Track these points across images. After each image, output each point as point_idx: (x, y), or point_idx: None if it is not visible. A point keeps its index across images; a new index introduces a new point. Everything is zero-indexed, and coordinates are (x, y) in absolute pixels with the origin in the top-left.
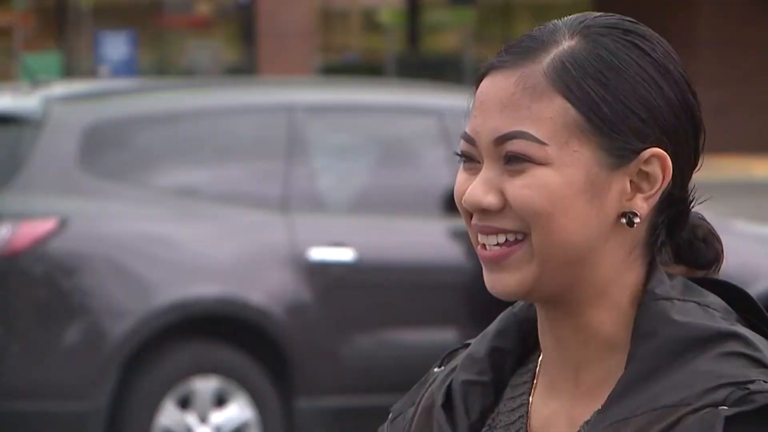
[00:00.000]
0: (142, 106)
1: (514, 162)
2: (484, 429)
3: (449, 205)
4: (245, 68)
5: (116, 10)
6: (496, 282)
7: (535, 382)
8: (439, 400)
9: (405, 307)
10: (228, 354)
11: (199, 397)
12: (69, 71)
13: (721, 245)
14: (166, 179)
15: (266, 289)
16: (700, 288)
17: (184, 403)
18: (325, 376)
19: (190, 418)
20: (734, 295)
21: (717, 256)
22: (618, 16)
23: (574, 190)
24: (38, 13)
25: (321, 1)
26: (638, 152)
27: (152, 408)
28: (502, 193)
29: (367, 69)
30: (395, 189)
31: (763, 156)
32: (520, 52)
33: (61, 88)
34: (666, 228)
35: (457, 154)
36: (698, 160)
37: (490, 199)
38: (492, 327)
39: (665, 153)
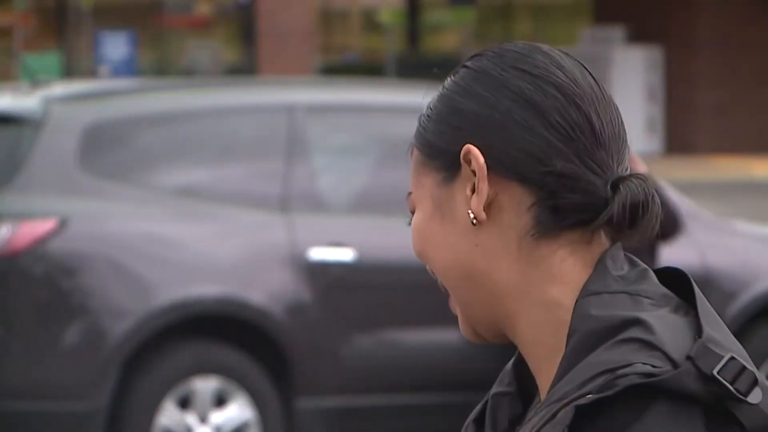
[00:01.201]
0: (142, 106)
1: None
2: None
3: None
4: (245, 68)
5: (116, 10)
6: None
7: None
8: (473, 415)
9: (405, 307)
10: (228, 354)
11: (199, 397)
12: (69, 71)
13: (657, 205)
14: (166, 179)
15: (266, 289)
16: (649, 277)
17: (184, 403)
18: (325, 376)
19: (190, 418)
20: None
21: (650, 218)
22: (496, 48)
23: (427, 220)
24: (38, 13)
25: (321, 1)
26: (457, 155)
27: (152, 408)
28: None
29: (367, 69)
30: (395, 189)
31: (763, 156)
32: None
33: (61, 88)
34: (550, 205)
35: None
36: (564, 131)
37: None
38: None
39: (471, 146)
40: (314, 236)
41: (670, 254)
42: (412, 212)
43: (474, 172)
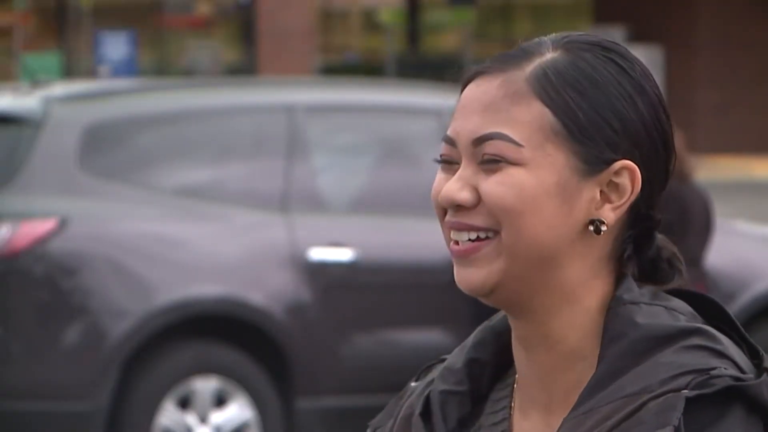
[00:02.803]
0: (142, 106)
1: (491, 162)
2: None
3: None
4: (245, 68)
5: (116, 10)
6: (463, 277)
7: (513, 396)
8: (418, 409)
9: (405, 307)
10: (228, 354)
11: (199, 397)
12: (69, 71)
13: (684, 268)
14: (166, 179)
15: (266, 289)
16: (667, 295)
17: (184, 403)
18: (325, 376)
19: (190, 418)
20: (703, 304)
21: (680, 277)
22: (600, 36)
23: (545, 192)
24: (38, 13)
25: (321, 1)
26: (609, 163)
27: (152, 408)
28: (476, 190)
29: (367, 69)
30: (395, 189)
31: (763, 156)
32: (506, 60)
33: (61, 88)
34: (632, 244)
35: (437, 160)
36: (667, 181)
37: (464, 195)
38: (470, 339)
39: (635, 166)
40: (314, 236)
41: None
42: (497, 159)
43: (616, 185)
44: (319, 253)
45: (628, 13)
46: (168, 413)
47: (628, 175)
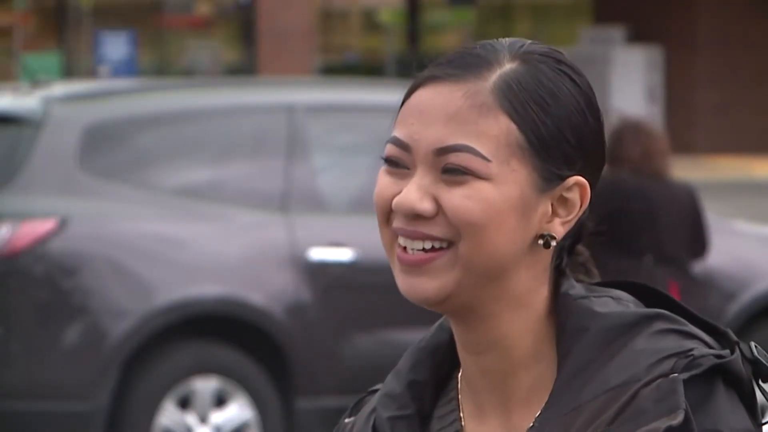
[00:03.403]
0: (142, 106)
1: (454, 173)
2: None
3: None
4: (245, 68)
5: (116, 10)
6: (413, 286)
7: (461, 407)
8: None
9: (405, 307)
10: (228, 354)
11: (199, 397)
12: (69, 71)
13: (596, 276)
14: (166, 179)
15: (266, 289)
16: (603, 287)
17: (184, 403)
18: (325, 376)
19: (190, 418)
20: (633, 291)
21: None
22: (548, 46)
23: (509, 207)
24: (38, 13)
25: (321, 1)
26: (564, 178)
27: (152, 408)
28: (436, 201)
29: (367, 69)
30: None
31: (763, 156)
32: (464, 66)
33: (61, 88)
34: (567, 253)
35: (384, 159)
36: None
37: (426, 206)
38: (404, 364)
39: (586, 181)
40: (314, 236)
41: None
42: (463, 171)
43: (566, 200)
44: (319, 253)
45: (628, 13)
46: (168, 413)
47: (579, 191)
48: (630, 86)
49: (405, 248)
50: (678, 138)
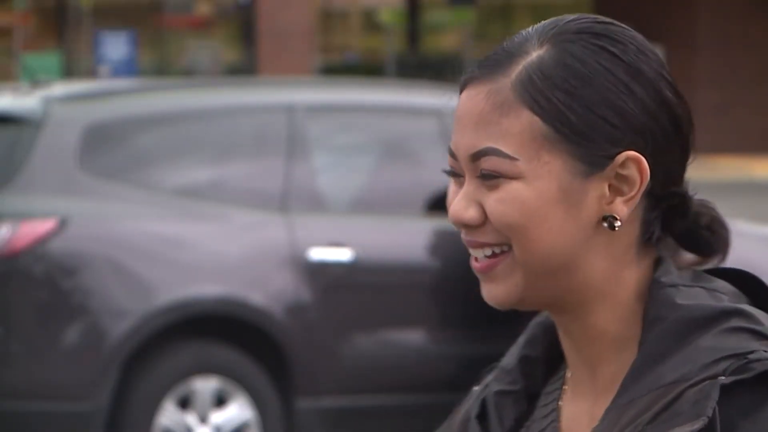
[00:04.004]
0: (142, 106)
1: (489, 178)
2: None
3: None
4: (245, 68)
5: (116, 10)
6: (488, 293)
7: (564, 386)
8: (474, 412)
9: (405, 307)
10: (228, 354)
11: (199, 397)
12: (69, 71)
13: (727, 230)
14: (166, 179)
15: (266, 289)
16: (709, 276)
17: (184, 403)
18: (325, 376)
19: (190, 418)
20: (747, 282)
21: (723, 242)
22: (592, 17)
23: (547, 201)
24: (38, 13)
25: (321, 1)
26: (612, 157)
27: (152, 408)
28: (482, 207)
29: (367, 69)
30: (395, 189)
31: (763, 156)
32: (492, 65)
33: (61, 88)
34: (662, 222)
35: (446, 171)
36: (688, 152)
37: (471, 214)
38: (521, 337)
39: (640, 155)
40: (314, 236)
41: None
42: (495, 174)
43: (624, 177)
44: (319, 253)
45: (628, 13)
46: (168, 413)
47: (635, 166)
48: None
49: (476, 258)
50: None
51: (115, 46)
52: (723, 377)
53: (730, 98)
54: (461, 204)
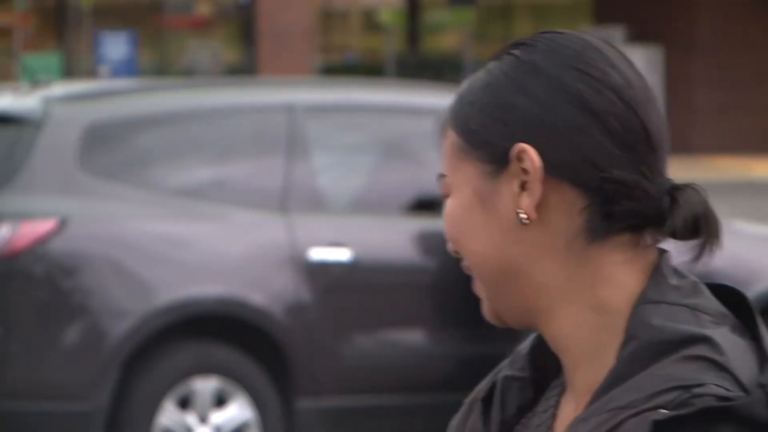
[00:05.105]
0: (142, 106)
1: (445, 199)
2: (517, 426)
3: None
4: (245, 68)
5: (116, 10)
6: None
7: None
8: (481, 393)
9: (405, 307)
10: (228, 354)
11: (199, 397)
12: (69, 71)
13: (701, 207)
14: (166, 179)
15: (266, 289)
16: (703, 291)
17: (184, 403)
18: (325, 376)
19: (190, 418)
20: (741, 304)
21: (693, 219)
22: (536, 34)
23: (467, 209)
24: (38, 13)
25: (321, 1)
26: (508, 152)
27: (152, 408)
28: None
29: (367, 69)
30: (395, 189)
31: (763, 156)
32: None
33: (61, 88)
34: (603, 210)
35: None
36: (622, 137)
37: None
38: None
39: (527, 145)
40: (314, 236)
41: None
42: (446, 196)
43: (524, 170)
44: (319, 253)
45: (628, 13)
46: (168, 413)
47: (526, 157)
48: None
49: None
50: (678, 138)
51: (115, 46)
52: (664, 410)
53: (730, 98)
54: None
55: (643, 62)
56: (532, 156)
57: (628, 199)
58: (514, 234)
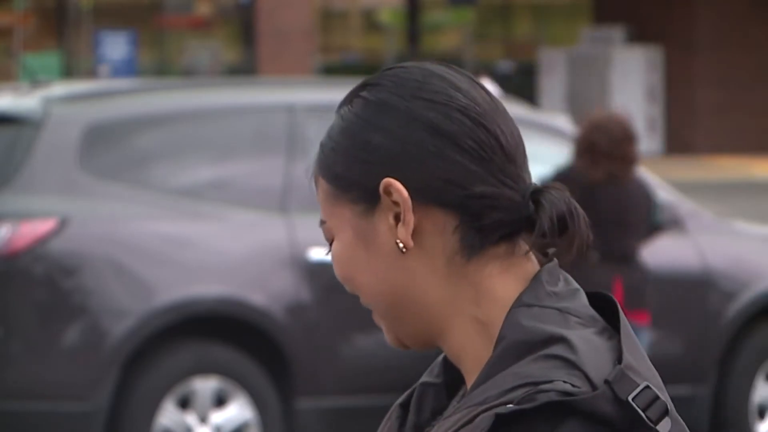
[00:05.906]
0: (142, 106)
1: (330, 244)
2: (428, 428)
3: None
4: (245, 68)
5: (116, 10)
6: None
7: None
8: (400, 399)
9: None
10: (228, 354)
11: (199, 397)
12: (69, 71)
13: (562, 205)
14: (166, 179)
15: (266, 289)
16: (580, 298)
17: (184, 403)
18: (325, 376)
19: (190, 418)
20: (615, 312)
21: (557, 218)
22: (379, 72)
23: (350, 248)
24: (38, 13)
25: (321, 1)
26: (376, 189)
27: (152, 408)
28: None
29: (367, 69)
30: None
31: (763, 156)
32: None
33: (61, 88)
34: (474, 226)
35: None
36: (479, 153)
37: None
38: None
39: (391, 179)
40: (314, 236)
41: (671, 255)
42: (330, 241)
43: (395, 203)
44: (319, 253)
45: (628, 13)
46: (168, 413)
47: (394, 189)
48: (630, 86)
49: None
50: (678, 138)
51: (115, 46)
52: (509, 405)
53: (730, 98)
54: None
55: (643, 62)
56: (398, 188)
57: (494, 210)
58: (397, 264)
